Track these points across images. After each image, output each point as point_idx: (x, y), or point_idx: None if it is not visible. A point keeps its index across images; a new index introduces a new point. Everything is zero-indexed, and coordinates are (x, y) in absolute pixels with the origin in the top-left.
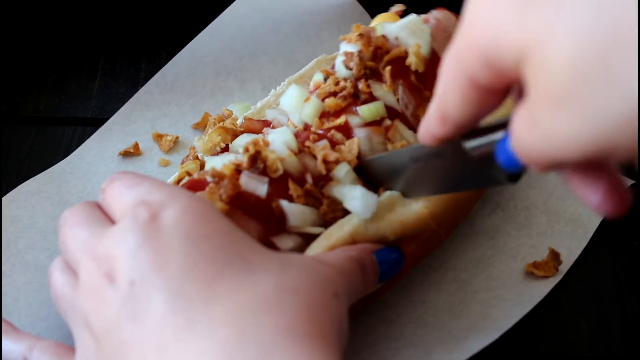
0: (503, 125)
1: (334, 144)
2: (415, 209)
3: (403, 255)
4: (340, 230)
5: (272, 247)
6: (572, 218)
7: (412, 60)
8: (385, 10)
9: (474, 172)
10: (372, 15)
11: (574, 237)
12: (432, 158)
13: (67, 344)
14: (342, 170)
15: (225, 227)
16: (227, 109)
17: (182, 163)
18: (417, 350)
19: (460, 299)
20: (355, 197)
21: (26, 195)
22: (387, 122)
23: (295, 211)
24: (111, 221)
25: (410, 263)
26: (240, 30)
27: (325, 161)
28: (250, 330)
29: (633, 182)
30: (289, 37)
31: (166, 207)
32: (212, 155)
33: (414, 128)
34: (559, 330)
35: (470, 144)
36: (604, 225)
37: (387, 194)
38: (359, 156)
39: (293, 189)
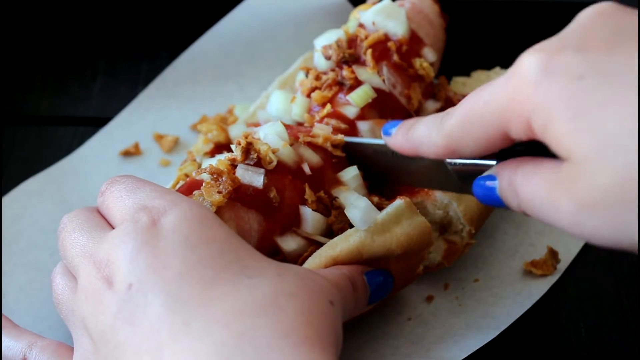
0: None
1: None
2: (420, 221)
3: (392, 278)
4: (346, 241)
5: (275, 247)
6: None
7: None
8: None
9: (443, 179)
10: None
11: (572, 236)
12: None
13: (68, 343)
14: (350, 174)
15: (224, 234)
16: (231, 104)
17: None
18: (416, 348)
19: (458, 297)
20: (357, 207)
21: (27, 194)
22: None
23: (313, 219)
24: (110, 226)
25: (404, 282)
26: (239, 36)
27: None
28: (247, 332)
29: None
30: (287, 43)
31: (166, 213)
32: (206, 154)
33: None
34: (557, 329)
35: (451, 163)
36: None
37: (394, 206)
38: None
39: (308, 194)
